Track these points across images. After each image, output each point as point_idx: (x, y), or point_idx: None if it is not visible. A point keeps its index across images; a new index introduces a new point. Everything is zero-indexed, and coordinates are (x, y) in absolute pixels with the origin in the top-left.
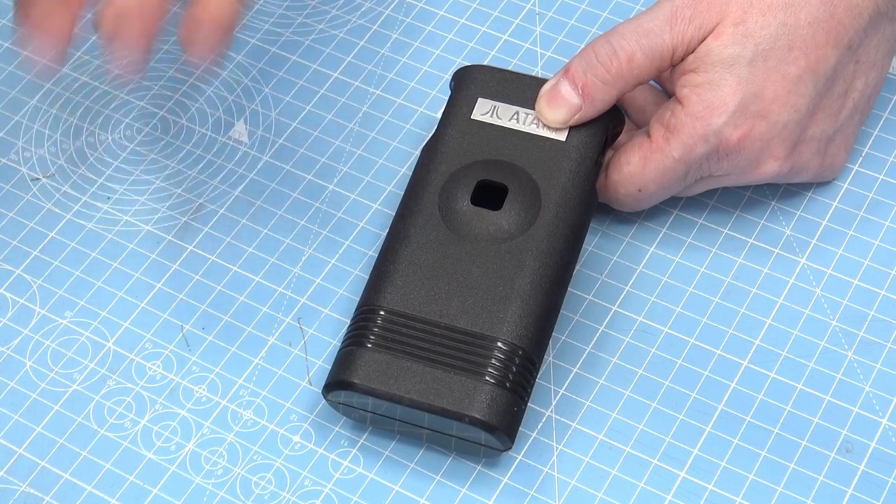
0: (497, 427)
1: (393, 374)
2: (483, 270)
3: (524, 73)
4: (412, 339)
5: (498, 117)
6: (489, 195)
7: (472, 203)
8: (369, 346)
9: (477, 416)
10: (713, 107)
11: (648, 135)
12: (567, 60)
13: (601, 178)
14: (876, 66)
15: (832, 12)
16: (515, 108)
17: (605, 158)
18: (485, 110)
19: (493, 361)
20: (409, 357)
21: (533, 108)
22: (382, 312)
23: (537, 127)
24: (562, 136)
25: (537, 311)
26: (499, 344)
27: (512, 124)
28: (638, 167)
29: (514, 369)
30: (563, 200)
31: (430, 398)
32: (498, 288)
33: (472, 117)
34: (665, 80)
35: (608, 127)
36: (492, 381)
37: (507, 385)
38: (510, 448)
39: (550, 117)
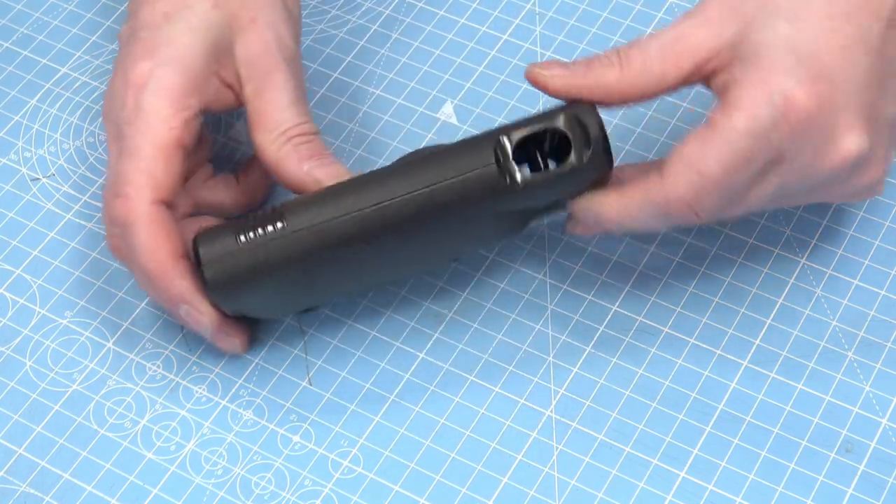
0: (199, 249)
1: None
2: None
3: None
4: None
5: None
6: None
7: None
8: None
9: (199, 246)
10: (770, 69)
11: (705, 123)
12: (567, 60)
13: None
14: None
15: None
16: None
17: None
18: None
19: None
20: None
21: None
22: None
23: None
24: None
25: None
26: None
27: None
28: (695, 151)
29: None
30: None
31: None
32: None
33: None
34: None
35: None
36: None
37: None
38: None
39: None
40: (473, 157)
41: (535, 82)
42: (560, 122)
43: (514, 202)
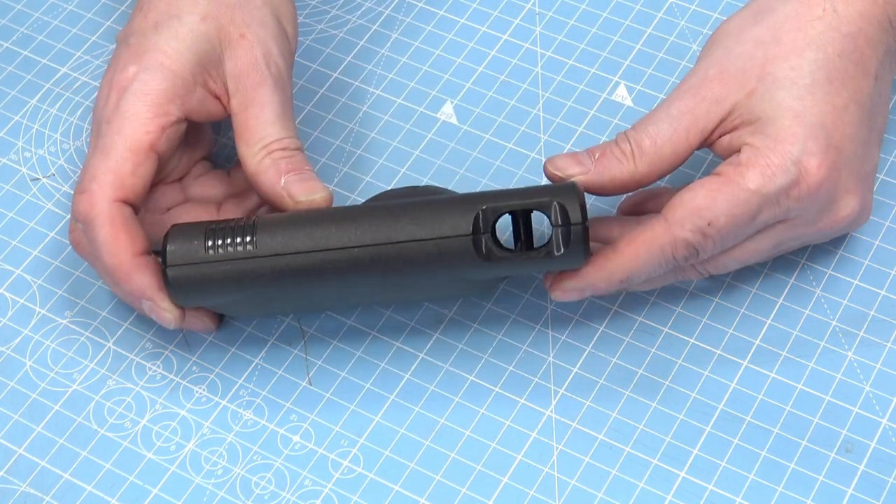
0: (167, 247)
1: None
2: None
3: None
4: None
5: None
6: None
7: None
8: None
9: (168, 243)
10: (782, 138)
11: (715, 174)
12: (567, 60)
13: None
14: (887, 101)
15: (855, 45)
16: None
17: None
18: None
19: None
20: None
21: None
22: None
23: None
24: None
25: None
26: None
27: None
28: (706, 200)
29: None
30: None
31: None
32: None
33: None
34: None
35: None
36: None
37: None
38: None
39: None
40: (452, 223)
41: (550, 178)
42: (544, 208)
43: (485, 273)
